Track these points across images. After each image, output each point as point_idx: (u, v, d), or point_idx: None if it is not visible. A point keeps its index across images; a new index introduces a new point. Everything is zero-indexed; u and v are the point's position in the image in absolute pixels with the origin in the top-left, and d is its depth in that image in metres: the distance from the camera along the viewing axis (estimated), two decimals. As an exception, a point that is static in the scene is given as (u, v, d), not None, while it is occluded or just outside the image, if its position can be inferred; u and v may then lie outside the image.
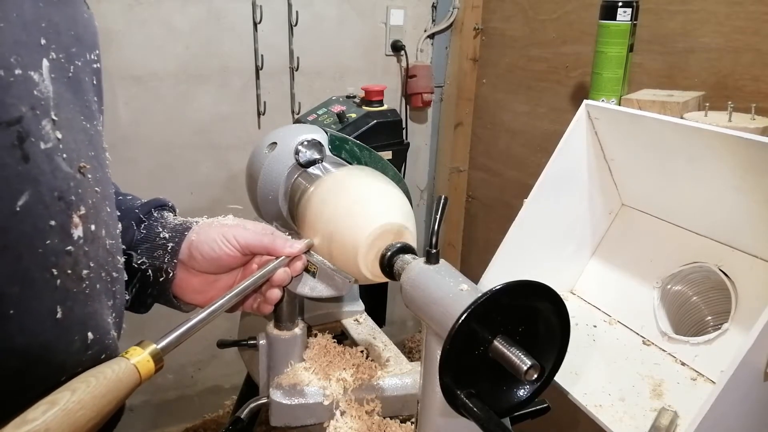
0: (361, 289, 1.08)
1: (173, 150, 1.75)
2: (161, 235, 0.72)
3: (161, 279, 0.72)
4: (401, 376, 0.86)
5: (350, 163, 0.91)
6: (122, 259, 0.58)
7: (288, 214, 0.87)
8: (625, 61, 1.18)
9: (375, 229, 0.68)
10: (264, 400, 0.86)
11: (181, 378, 1.98)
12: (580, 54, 1.56)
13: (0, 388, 0.45)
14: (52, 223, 0.45)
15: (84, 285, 0.48)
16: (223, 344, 0.95)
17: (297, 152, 0.85)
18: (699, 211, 0.91)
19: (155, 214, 0.74)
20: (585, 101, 0.96)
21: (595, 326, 0.99)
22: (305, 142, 0.86)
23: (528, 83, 1.78)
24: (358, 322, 1.04)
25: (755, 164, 0.75)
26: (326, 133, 0.91)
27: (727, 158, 0.78)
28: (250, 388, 1.14)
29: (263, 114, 1.83)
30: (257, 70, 1.78)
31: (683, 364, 0.87)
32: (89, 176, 0.49)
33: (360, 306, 1.07)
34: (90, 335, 0.49)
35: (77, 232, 0.47)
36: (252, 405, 0.85)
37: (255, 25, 1.75)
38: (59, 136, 0.45)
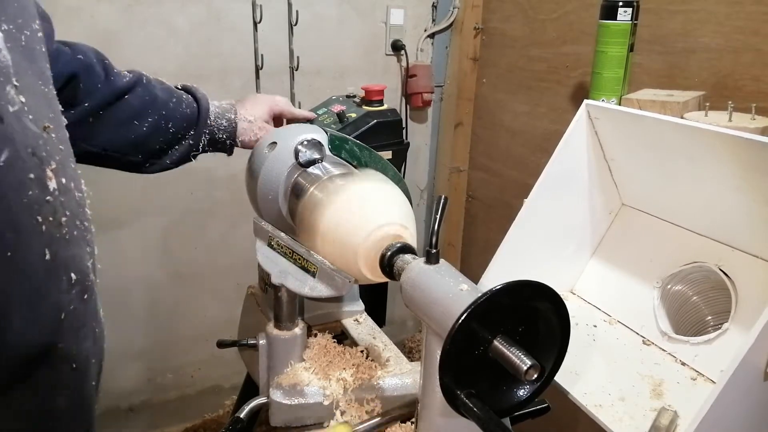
0: (361, 289, 1.08)
1: (173, 150, 1.74)
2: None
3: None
4: (401, 376, 0.86)
5: (350, 163, 0.91)
6: (89, 212, 0.62)
7: (288, 214, 0.87)
8: (625, 61, 1.18)
9: (375, 229, 0.68)
10: (264, 400, 0.86)
11: (181, 378, 1.99)
12: (580, 54, 1.55)
13: (13, 331, 0.49)
14: (31, 176, 0.49)
15: (64, 231, 0.53)
16: (223, 344, 0.95)
17: (297, 152, 0.85)
18: (699, 211, 0.91)
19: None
20: (585, 101, 0.96)
21: (595, 326, 0.99)
22: (305, 142, 0.86)
23: (528, 83, 1.78)
24: (358, 322, 1.04)
25: (755, 164, 0.75)
26: (326, 132, 0.91)
27: (727, 158, 0.78)
28: (250, 388, 1.14)
29: (263, 114, 1.83)
30: (257, 69, 1.78)
31: (683, 363, 0.87)
32: (53, 135, 0.54)
33: (360, 306, 1.07)
34: (73, 276, 0.54)
35: (52, 184, 0.52)
36: (252, 405, 0.85)
37: (255, 24, 1.74)
38: (23, 99, 0.50)
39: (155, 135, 0.93)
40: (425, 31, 2.03)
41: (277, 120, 1.09)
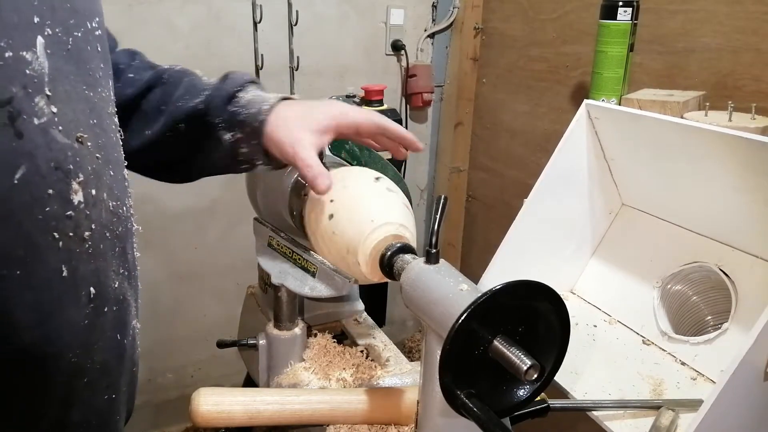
0: (361, 289, 1.08)
1: (173, 150, 1.75)
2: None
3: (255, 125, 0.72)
4: (401, 376, 0.86)
5: (350, 163, 0.91)
6: (131, 216, 0.60)
7: (288, 214, 0.87)
8: (625, 61, 1.18)
9: (375, 229, 0.68)
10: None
11: (181, 378, 1.99)
12: (580, 54, 1.55)
13: (21, 345, 0.49)
14: (50, 191, 0.48)
15: (87, 245, 0.52)
16: (223, 344, 0.95)
17: (297, 152, 0.85)
18: (699, 211, 0.91)
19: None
20: (585, 101, 0.96)
21: (595, 326, 0.99)
22: (305, 142, 0.86)
23: (528, 83, 1.78)
24: (358, 322, 1.04)
25: (755, 164, 0.75)
26: (326, 132, 0.91)
27: (727, 158, 0.78)
28: (250, 388, 1.14)
29: (263, 114, 1.83)
30: (257, 69, 1.78)
31: (683, 363, 0.87)
32: (89, 144, 0.52)
33: (360, 306, 1.07)
34: (92, 290, 0.53)
35: (77, 198, 0.50)
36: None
37: (255, 24, 1.74)
38: (54, 110, 0.48)
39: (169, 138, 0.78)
40: (425, 31, 2.03)
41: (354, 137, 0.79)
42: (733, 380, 0.64)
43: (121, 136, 0.60)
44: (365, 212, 0.70)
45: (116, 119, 0.60)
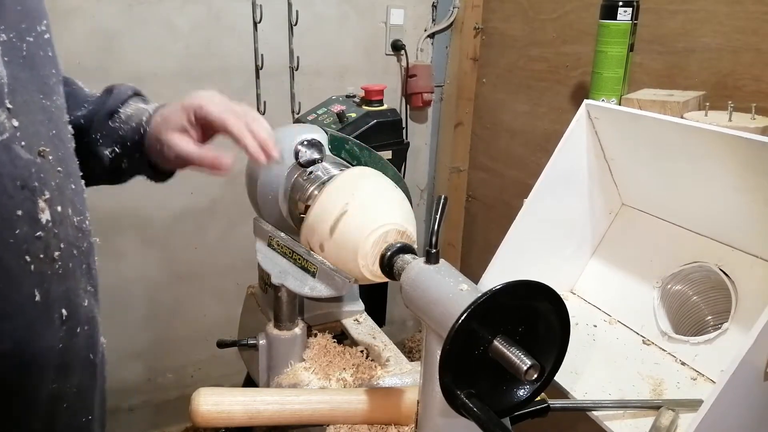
0: (361, 289, 1.08)
1: (173, 150, 1.74)
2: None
3: (141, 132, 0.70)
4: (401, 376, 0.86)
5: (350, 163, 0.91)
6: (90, 229, 0.57)
7: (288, 214, 0.87)
8: (625, 61, 1.18)
9: (375, 229, 0.68)
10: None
11: (181, 378, 1.99)
12: (580, 54, 1.55)
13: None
14: (19, 212, 0.46)
15: (57, 266, 0.50)
16: (222, 344, 0.95)
17: (297, 152, 0.85)
18: (699, 211, 0.91)
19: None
20: (585, 101, 0.96)
21: (595, 326, 0.99)
22: (305, 142, 0.86)
23: (528, 83, 1.78)
24: (358, 322, 1.04)
25: (755, 164, 0.75)
26: (326, 132, 0.91)
27: (727, 158, 0.78)
28: (250, 388, 1.14)
29: (263, 114, 1.83)
30: (257, 69, 1.78)
31: (683, 363, 0.87)
32: (50, 158, 0.50)
33: (360, 306, 1.07)
34: (64, 312, 0.51)
35: (45, 216, 0.48)
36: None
37: (255, 24, 1.74)
38: (15, 123, 0.46)
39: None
40: (425, 31, 2.03)
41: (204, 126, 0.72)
42: (733, 380, 0.64)
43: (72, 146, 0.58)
44: (365, 212, 0.71)
45: (70, 128, 0.57)
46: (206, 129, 0.70)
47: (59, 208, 0.50)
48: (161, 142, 0.69)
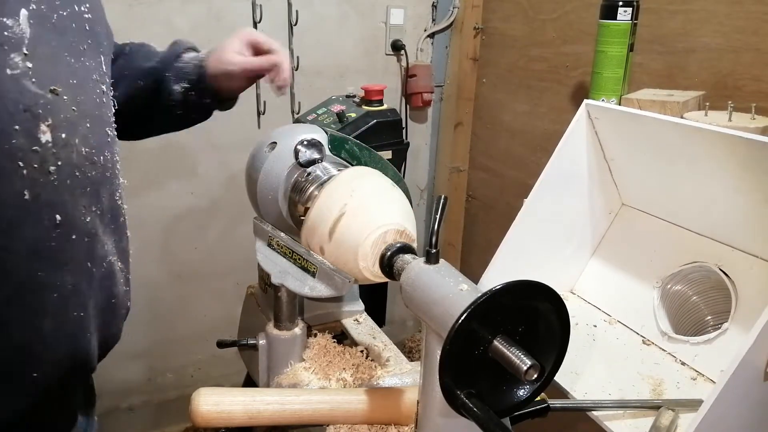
0: (361, 289, 1.08)
1: (173, 150, 1.75)
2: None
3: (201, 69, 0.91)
4: (401, 376, 0.86)
5: (350, 163, 0.91)
6: (113, 168, 0.69)
7: (288, 214, 0.87)
8: (625, 61, 1.18)
9: (375, 229, 0.68)
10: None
11: (181, 378, 1.99)
12: (580, 54, 1.55)
13: None
14: (17, 127, 0.56)
15: (52, 178, 0.59)
16: (223, 344, 0.95)
17: (297, 152, 0.85)
18: (699, 211, 0.91)
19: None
20: (585, 101, 0.96)
21: (595, 326, 0.99)
22: (305, 142, 0.86)
23: (528, 83, 1.78)
24: (358, 322, 1.04)
25: (755, 164, 0.75)
26: (326, 132, 0.91)
27: (727, 158, 0.78)
28: (250, 388, 1.14)
29: (263, 114, 1.83)
30: (257, 69, 1.78)
31: (683, 363, 0.87)
32: (65, 97, 0.60)
33: (360, 306, 1.07)
34: (58, 217, 0.60)
35: (45, 137, 0.58)
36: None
37: (255, 24, 1.74)
38: (29, 65, 0.57)
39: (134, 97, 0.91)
40: (425, 31, 2.03)
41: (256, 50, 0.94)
42: (733, 380, 0.64)
43: (114, 105, 0.71)
44: (365, 212, 0.71)
45: (104, 87, 0.68)
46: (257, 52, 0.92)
47: (63, 135, 0.59)
48: (224, 64, 0.89)
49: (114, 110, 0.72)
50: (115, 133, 0.72)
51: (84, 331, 0.66)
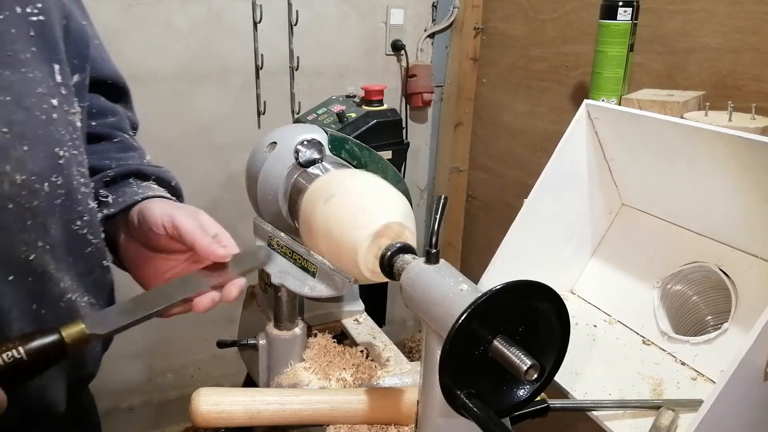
0: (361, 289, 1.08)
1: (173, 150, 1.74)
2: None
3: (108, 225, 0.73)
4: (401, 376, 0.86)
5: (350, 163, 0.91)
6: (61, 190, 0.59)
7: (288, 214, 0.87)
8: (625, 61, 1.18)
9: (375, 228, 0.68)
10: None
11: (181, 378, 1.99)
12: (580, 54, 1.55)
13: None
14: None
15: None
16: (222, 344, 0.95)
17: (297, 152, 0.85)
18: (699, 211, 0.91)
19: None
20: (585, 101, 0.96)
21: (595, 326, 0.99)
22: (305, 142, 0.86)
23: (528, 83, 1.78)
24: (358, 322, 1.04)
25: (755, 164, 0.75)
26: (326, 132, 0.91)
27: (727, 158, 0.78)
28: (250, 388, 1.14)
29: (263, 114, 1.83)
30: (257, 69, 1.78)
31: (683, 363, 0.87)
32: None
33: (360, 306, 1.07)
34: None
35: None
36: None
37: (255, 24, 1.74)
38: None
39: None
40: (425, 31, 2.03)
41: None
42: (733, 380, 0.64)
43: (78, 117, 0.61)
44: (365, 212, 0.70)
45: (55, 100, 0.58)
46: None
47: None
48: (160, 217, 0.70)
49: (78, 124, 0.63)
50: (80, 150, 0.62)
51: (40, 379, 0.58)
